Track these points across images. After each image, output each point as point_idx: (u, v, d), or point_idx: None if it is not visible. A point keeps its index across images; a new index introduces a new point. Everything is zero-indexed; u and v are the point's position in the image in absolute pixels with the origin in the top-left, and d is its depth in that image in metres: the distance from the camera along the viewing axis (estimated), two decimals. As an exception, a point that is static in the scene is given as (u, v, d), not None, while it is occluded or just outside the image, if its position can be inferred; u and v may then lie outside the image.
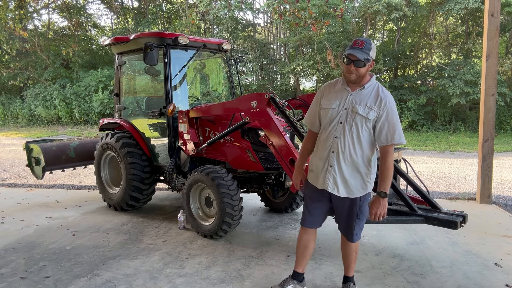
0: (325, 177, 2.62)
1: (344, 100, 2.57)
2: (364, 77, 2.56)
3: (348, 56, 2.50)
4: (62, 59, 20.74)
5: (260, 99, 3.75)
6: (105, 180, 5.44)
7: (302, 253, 2.92)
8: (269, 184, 4.30)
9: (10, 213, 5.30)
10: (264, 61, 19.99)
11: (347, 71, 2.53)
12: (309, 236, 2.88)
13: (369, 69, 2.55)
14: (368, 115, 2.50)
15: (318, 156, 2.68)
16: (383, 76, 18.54)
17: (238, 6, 17.39)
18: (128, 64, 5.41)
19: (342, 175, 2.58)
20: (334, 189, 2.61)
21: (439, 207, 3.38)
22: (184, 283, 3.22)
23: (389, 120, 2.50)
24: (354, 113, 2.52)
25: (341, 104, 2.57)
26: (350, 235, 2.76)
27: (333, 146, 2.57)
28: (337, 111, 2.58)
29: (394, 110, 2.52)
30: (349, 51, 2.48)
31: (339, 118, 2.56)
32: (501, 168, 8.24)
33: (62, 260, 3.72)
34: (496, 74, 5.35)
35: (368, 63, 2.50)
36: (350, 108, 2.54)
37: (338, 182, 2.59)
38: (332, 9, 14.74)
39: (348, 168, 2.57)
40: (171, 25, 21.58)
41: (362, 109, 2.51)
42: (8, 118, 21.25)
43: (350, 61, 2.50)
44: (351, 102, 2.55)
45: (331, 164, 2.59)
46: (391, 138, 2.50)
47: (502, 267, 3.45)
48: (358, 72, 2.50)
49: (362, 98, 2.54)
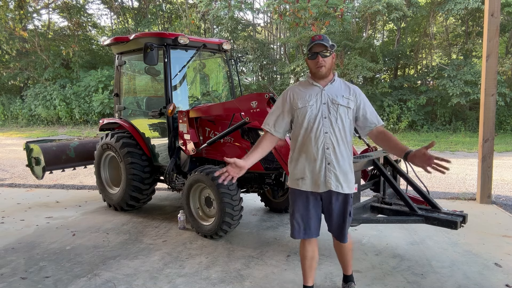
0: (325, 176, 2.51)
1: (319, 96, 2.55)
2: (331, 71, 2.59)
3: (314, 50, 2.51)
4: (62, 59, 20.75)
5: (260, 99, 3.75)
6: (105, 180, 5.44)
7: (309, 266, 2.79)
8: (269, 184, 4.29)
9: (10, 213, 5.30)
10: (264, 61, 19.99)
11: (316, 65, 2.52)
12: (313, 247, 2.74)
13: (333, 60, 2.58)
14: (348, 104, 2.54)
15: (310, 159, 2.53)
16: (383, 76, 18.54)
17: (238, 6, 17.39)
18: (128, 64, 5.41)
19: (342, 170, 2.53)
20: (338, 187, 2.53)
21: (439, 207, 3.38)
22: (184, 283, 3.22)
23: (368, 105, 2.61)
24: (336, 105, 2.52)
25: (318, 100, 2.55)
26: (343, 235, 2.67)
27: (326, 142, 2.50)
28: (316, 107, 2.53)
29: (366, 97, 2.65)
30: (313, 45, 2.51)
31: (322, 113, 2.52)
32: (501, 168, 8.24)
33: (62, 260, 3.72)
34: (496, 74, 5.34)
35: (332, 52, 2.54)
36: (329, 102, 2.53)
37: (340, 178, 2.53)
38: (332, 9, 14.74)
39: (345, 161, 2.54)
40: (171, 25, 21.58)
41: (341, 100, 2.53)
42: (8, 118, 21.26)
43: (315, 54, 2.50)
44: (327, 96, 2.54)
45: (329, 161, 2.51)
46: (377, 120, 2.61)
47: (502, 267, 3.45)
48: (326, 63, 2.52)
49: (336, 91, 2.56)
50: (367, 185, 3.78)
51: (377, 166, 3.55)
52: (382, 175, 3.60)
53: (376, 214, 3.57)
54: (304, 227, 2.66)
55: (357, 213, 3.39)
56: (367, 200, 3.63)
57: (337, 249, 2.85)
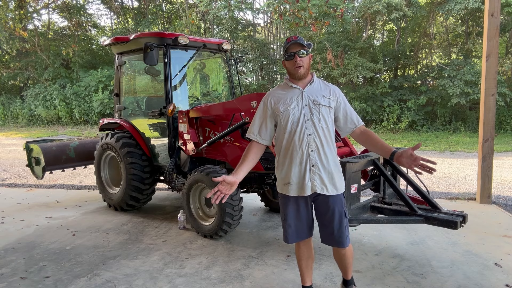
0: (310, 179, 2.47)
1: (300, 98, 2.52)
2: (309, 71, 2.57)
3: (290, 50, 2.48)
4: (62, 59, 20.75)
5: (260, 99, 3.74)
6: (105, 180, 5.44)
7: (305, 266, 2.77)
8: (269, 184, 4.29)
9: (10, 213, 5.30)
10: (264, 61, 19.98)
11: (294, 66, 2.50)
12: (308, 247, 2.72)
13: (310, 61, 2.57)
14: (329, 104, 2.51)
15: (294, 163, 2.49)
16: (383, 76, 18.54)
17: (238, 6, 17.39)
18: (128, 64, 5.41)
19: (326, 171, 2.49)
20: (323, 189, 2.48)
21: (439, 207, 3.38)
22: (184, 283, 3.22)
23: (348, 105, 2.60)
24: (318, 105, 2.49)
25: (299, 102, 2.51)
26: (343, 239, 2.55)
27: (309, 144, 2.46)
28: (298, 110, 2.49)
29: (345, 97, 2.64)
30: (289, 45, 2.48)
31: (304, 115, 2.48)
32: (501, 168, 8.24)
33: (62, 260, 3.72)
34: (496, 74, 5.34)
35: (309, 52, 2.52)
36: (310, 103, 2.50)
37: (325, 180, 2.48)
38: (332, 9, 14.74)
39: (329, 162, 2.49)
40: (171, 25, 21.57)
41: (323, 101, 2.50)
42: (8, 118, 21.25)
43: (292, 55, 2.48)
44: (308, 98, 2.51)
45: (313, 163, 2.46)
46: (357, 120, 2.59)
47: (502, 267, 3.45)
48: (304, 63, 2.49)
49: (316, 91, 2.54)
50: (367, 185, 3.78)
51: (377, 166, 3.55)
52: (382, 175, 3.60)
53: (376, 214, 3.57)
54: (297, 231, 2.63)
55: (357, 213, 3.39)
56: (367, 200, 3.63)
57: (337, 256, 2.73)
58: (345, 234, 2.57)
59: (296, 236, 2.65)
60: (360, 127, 2.60)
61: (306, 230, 2.64)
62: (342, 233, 2.56)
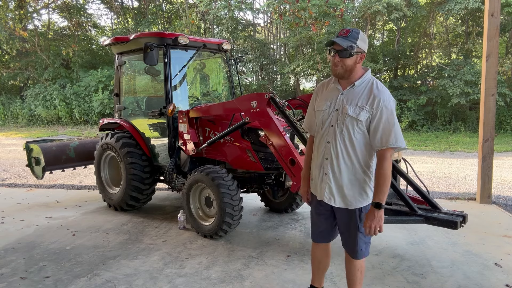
0: (321, 186, 2.42)
1: (335, 101, 2.35)
2: (353, 71, 2.29)
3: (334, 46, 2.26)
4: (62, 59, 20.74)
5: (260, 99, 3.75)
6: (105, 180, 5.44)
7: (317, 268, 2.75)
8: (269, 184, 4.29)
9: (10, 213, 5.30)
10: (264, 61, 19.98)
11: (332, 63, 2.30)
12: (321, 251, 2.68)
13: (358, 62, 2.28)
14: (358, 116, 2.24)
15: (315, 163, 2.47)
16: (383, 76, 18.54)
17: (238, 6, 17.39)
18: (128, 64, 5.41)
19: (337, 183, 2.35)
20: (330, 200, 2.39)
21: (439, 207, 3.38)
22: (184, 283, 3.22)
23: (384, 120, 2.21)
24: (344, 115, 2.27)
25: (332, 105, 2.35)
26: (354, 251, 2.46)
27: (326, 152, 2.35)
28: (328, 113, 2.36)
29: (390, 109, 2.23)
30: (333, 40, 2.25)
31: (330, 120, 2.34)
32: (501, 168, 8.24)
33: (62, 260, 3.72)
34: (496, 74, 5.34)
35: (353, 52, 2.22)
36: (340, 109, 2.30)
37: (334, 191, 2.37)
38: (332, 9, 14.74)
39: (343, 175, 2.32)
40: (171, 25, 21.57)
41: (352, 110, 2.26)
42: (8, 118, 21.25)
43: (334, 51, 2.26)
44: (342, 102, 2.31)
45: (325, 171, 2.37)
46: (385, 141, 2.21)
47: (502, 267, 3.45)
48: (344, 64, 2.25)
49: (353, 97, 2.29)
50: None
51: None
52: (382, 175, 3.59)
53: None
54: (315, 230, 2.64)
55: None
56: (367, 200, 3.63)
57: (347, 265, 2.60)
58: (358, 247, 2.44)
59: (318, 236, 2.64)
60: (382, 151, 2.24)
61: (322, 233, 2.60)
62: (354, 245, 2.45)
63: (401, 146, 2.24)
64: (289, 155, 3.58)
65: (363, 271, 2.57)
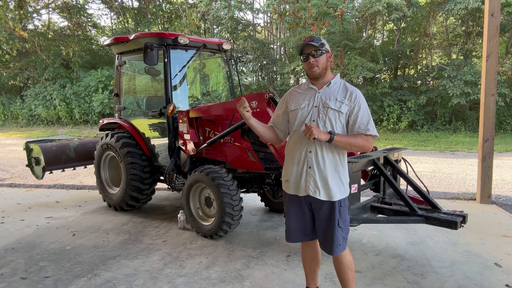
0: (305, 180, 2.49)
1: (313, 99, 2.52)
2: (327, 72, 2.53)
3: (304, 51, 2.48)
4: (62, 59, 20.75)
5: (260, 99, 3.75)
6: (105, 180, 5.44)
7: (308, 268, 2.79)
8: (269, 184, 4.29)
9: (10, 213, 5.30)
10: (264, 61, 19.98)
11: (309, 67, 2.50)
12: (312, 248, 2.71)
13: (329, 60, 2.52)
14: (340, 108, 2.45)
15: (294, 162, 2.54)
16: (383, 76, 18.54)
17: (238, 6, 17.39)
18: (128, 64, 5.41)
19: (322, 175, 2.46)
20: (315, 192, 2.47)
21: (439, 207, 3.38)
22: (184, 283, 3.22)
23: (361, 112, 2.46)
24: (326, 108, 2.46)
25: (310, 103, 2.52)
26: (331, 246, 2.50)
27: (309, 145, 2.46)
28: (307, 110, 2.51)
29: (365, 104, 2.49)
30: (303, 48, 2.49)
31: (311, 116, 2.49)
32: (501, 168, 8.24)
33: (62, 260, 3.72)
34: (496, 74, 5.34)
35: (324, 50, 2.47)
36: (320, 105, 2.48)
37: (319, 183, 2.46)
38: (332, 9, 14.73)
39: (327, 167, 2.46)
40: (171, 25, 21.57)
41: (333, 104, 2.45)
42: (8, 118, 21.25)
43: (307, 56, 2.48)
44: (320, 99, 2.49)
45: (310, 165, 2.47)
46: (364, 128, 2.44)
47: (502, 267, 3.45)
48: (318, 63, 2.47)
49: (331, 94, 2.50)
50: (367, 185, 3.78)
51: (377, 166, 3.55)
52: (382, 175, 3.60)
53: (376, 214, 3.57)
54: (295, 230, 2.63)
55: (357, 213, 3.39)
56: (367, 200, 3.64)
57: (335, 264, 2.65)
58: (336, 242, 2.49)
59: (294, 236, 2.65)
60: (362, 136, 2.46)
61: (306, 231, 2.62)
62: (332, 240, 2.50)
63: (376, 134, 2.51)
64: None
65: (353, 268, 2.64)
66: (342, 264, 2.59)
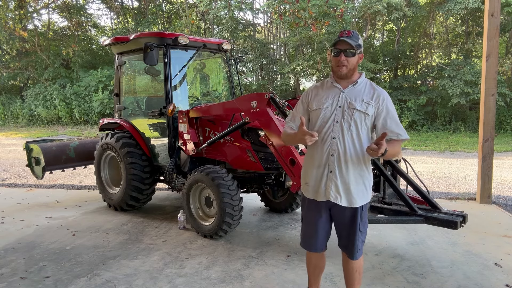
0: (326, 185, 2.35)
1: (337, 98, 2.35)
2: (354, 72, 2.37)
3: (338, 46, 2.30)
4: (62, 59, 20.75)
5: (260, 99, 3.75)
6: (105, 180, 5.44)
7: (313, 272, 2.73)
8: (269, 184, 4.29)
9: (10, 213, 5.30)
10: (264, 61, 19.99)
11: (337, 64, 2.32)
12: (317, 257, 2.65)
13: (359, 61, 2.36)
14: (367, 110, 2.30)
15: (314, 164, 2.41)
16: (383, 76, 18.54)
17: (238, 6, 17.39)
18: (128, 64, 5.41)
19: (344, 180, 2.33)
20: (336, 198, 2.35)
21: (439, 207, 3.38)
22: (184, 283, 3.22)
23: (391, 115, 2.32)
24: (352, 110, 2.30)
25: (334, 103, 2.35)
26: (352, 251, 2.46)
27: (331, 148, 2.32)
28: (330, 110, 2.35)
29: (392, 106, 2.36)
30: (338, 41, 2.29)
31: (334, 117, 2.33)
32: (501, 168, 8.24)
33: (62, 260, 3.72)
34: (496, 74, 5.34)
35: (358, 52, 2.31)
36: (345, 105, 2.32)
37: (340, 189, 2.34)
38: (332, 9, 14.74)
39: (350, 172, 2.32)
40: (171, 25, 21.57)
41: (359, 105, 2.30)
42: (8, 118, 21.25)
43: (339, 52, 2.29)
44: (345, 99, 2.33)
45: (331, 169, 2.33)
46: (396, 134, 2.31)
47: (502, 267, 3.45)
48: (349, 64, 2.31)
49: (356, 94, 2.34)
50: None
51: (377, 166, 3.55)
52: (382, 175, 3.60)
53: (376, 214, 3.57)
54: (310, 238, 2.55)
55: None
56: (367, 200, 3.63)
57: (345, 266, 2.60)
58: (357, 247, 2.45)
59: (316, 246, 2.56)
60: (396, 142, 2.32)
61: (318, 240, 2.54)
62: (353, 246, 2.46)
63: (407, 137, 2.36)
64: (289, 155, 3.58)
65: (361, 272, 2.60)
66: (353, 268, 2.54)
